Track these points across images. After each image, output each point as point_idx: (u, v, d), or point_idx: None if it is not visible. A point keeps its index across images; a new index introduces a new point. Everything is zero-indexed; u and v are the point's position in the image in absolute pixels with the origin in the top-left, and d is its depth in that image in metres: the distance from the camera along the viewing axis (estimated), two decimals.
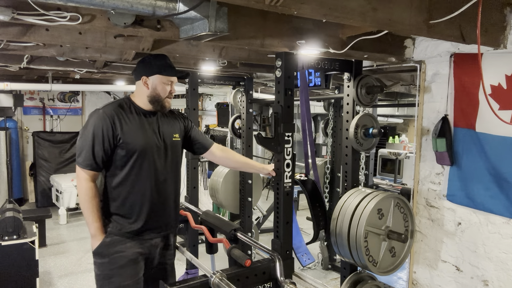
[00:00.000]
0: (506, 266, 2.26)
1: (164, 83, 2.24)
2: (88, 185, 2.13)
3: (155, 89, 2.24)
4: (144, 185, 2.22)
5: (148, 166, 2.22)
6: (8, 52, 2.68)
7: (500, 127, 2.22)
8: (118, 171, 2.19)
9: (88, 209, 2.13)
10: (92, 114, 2.17)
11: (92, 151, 2.10)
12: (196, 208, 3.48)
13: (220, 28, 1.68)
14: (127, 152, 2.16)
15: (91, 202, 2.13)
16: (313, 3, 1.53)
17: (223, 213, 5.46)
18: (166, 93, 2.26)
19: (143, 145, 2.19)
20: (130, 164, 2.18)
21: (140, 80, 2.25)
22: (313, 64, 2.50)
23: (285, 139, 2.32)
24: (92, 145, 2.10)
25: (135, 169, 2.19)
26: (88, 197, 2.12)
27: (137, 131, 2.20)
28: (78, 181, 2.14)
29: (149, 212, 2.22)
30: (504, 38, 2.14)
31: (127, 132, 2.17)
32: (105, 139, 2.11)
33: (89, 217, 2.14)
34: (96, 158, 2.11)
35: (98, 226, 2.15)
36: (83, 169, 2.12)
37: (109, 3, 1.47)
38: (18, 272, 3.61)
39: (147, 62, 2.26)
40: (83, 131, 2.15)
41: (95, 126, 2.11)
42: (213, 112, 6.31)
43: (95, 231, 2.15)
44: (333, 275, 4.41)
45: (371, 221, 2.22)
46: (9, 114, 6.98)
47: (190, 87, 3.72)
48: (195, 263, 2.42)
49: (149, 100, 2.26)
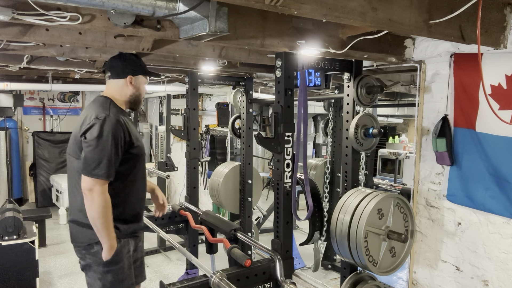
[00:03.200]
0: (506, 266, 2.26)
1: (144, 82, 2.31)
2: (107, 197, 2.01)
3: (139, 88, 2.27)
4: (141, 185, 2.27)
5: (143, 167, 2.29)
6: (8, 52, 2.68)
7: (500, 127, 2.22)
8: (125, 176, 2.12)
9: (106, 223, 2.01)
10: (104, 121, 2.02)
11: (113, 161, 2.00)
12: (196, 208, 3.48)
13: (220, 28, 1.68)
14: (132, 156, 2.13)
15: (108, 216, 2.02)
16: (313, 3, 1.53)
17: (223, 213, 5.46)
18: (144, 93, 2.34)
19: (143, 146, 2.26)
20: (137, 167, 2.18)
21: (124, 79, 2.21)
22: (313, 64, 2.50)
23: (285, 139, 2.32)
24: (113, 154, 2.00)
25: (140, 170, 2.21)
26: (106, 212, 2.00)
27: (137, 133, 2.24)
28: (94, 195, 1.97)
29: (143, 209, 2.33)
30: (504, 38, 2.14)
31: (136, 135, 2.17)
32: (121, 147, 2.05)
33: (107, 230, 2.03)
34: (115, 168, 2.03)
35: (114, 236, 2.08)
36: (103, 180, 1.98)
37: (109, 3, 1.47)
38: (18, 272, 3.61)
39: (130, 60, 2.24)
40: (98, 141, 1.99)
41: (113, 135, 2.01)
42: (213, 112, 6.30)
43: (112, 243, 2.06)
44: (333, 275, 4.41)
45: (371, 221, 2.22)
46: (9, 114, 6.98)
47: (190, 87, 3.71)
48: (195, 263, 2.42)
49: (131, 100, 2.25)
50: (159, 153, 7.46)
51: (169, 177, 5.51)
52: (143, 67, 2.29)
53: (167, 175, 5.33)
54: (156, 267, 4.79)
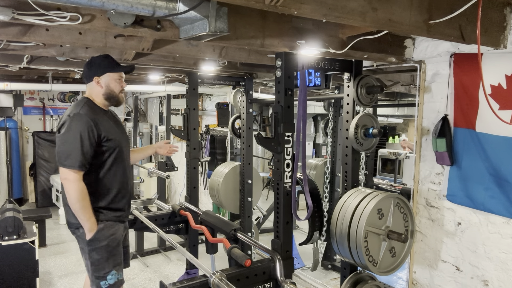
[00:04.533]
0: (506, 266, 2.26)
1: (115, 79, 2.46)
2: (81, 185, 2.27)
3: (109, 86, 2.45)
4: (125, 174, 2.51)
5: (125, 157, 2.52)
6: (8, 52, 2.68)
7: (500, 127, 2.22)
8: (102, 167, 2.38)
9: (83, 207, 2.28)
10: (72, 118, 2.30)
11: (82, 152, 2.25)
12: (196, 208, 3.48)
13: (220, 28, 1.68)
14: (108, 148, 2.37)
15: (85, 200, 2.28)
16: (313, 3, 1.53)
17: (223, 213, 5.46)
18: (119, 88, 2.48)
19: (120, 139, 2.47)
20: (113, 158, 2.41)
21: (93, 81, 2.43)
22: (313, 64, 2.50)
23: (285, 139, 2.32)
24: (81, 147, 2.25)
25: (118, 161, 2.44)
26: (82, 196, 2.27)
27: (113, 127, 2.45)
28: (68, 183, 2.25)
29: (127, 197, 2.54)
30: (504, 38, 2.14)
31: (108, 130, 2.38)
32: (91, 139, 2.29)
33: (85, 214, 2.30)
34: (86, 159, 2.27)
35: (93, 221, 2.34)
36: (75, 170, 2.24)
37: (109, 3, 1.47)
38: (18, 272, 3.61)
39: (95, 63, 2.45)
40: (66, 135, 2.28)
41: (80, 129, 2.26)
42: (213, 112, 6.30)
43: (91, 225, 2.34)
44: (333, 275, 4.41)
45: (371, 221, 2.22)
46: (9, 114, 6.98)
47: (190, 87, 3.71)
48: (195, 263, 2.42)
49: (105, 98, 2.47)
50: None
51: (169, 177, 5.51)
52: (109, 65, 2.45)
53: (167, 175, 5.32)
54: (156, 267, 4.79)
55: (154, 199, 5.01)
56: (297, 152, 2.33)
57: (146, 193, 7.25)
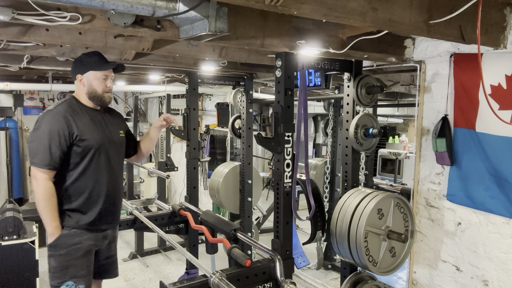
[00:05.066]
0: (506, 266, 2.26)
1: (99, 78, 2.32)
2: (47, 184, 2.17)
3: (91, 85, 2.32)
4: (102, 179, 2.32)
5: (105, 160, 2.33)
6: (8, 52, 2.68)
7: (500, 127, 2.22)
8: (75, 168, 2.25)
9: (46, 208, 2.18)
10: (43, 115, 2.22)
11: (49, 151, 2.16)
12: (196, 208, 3.48)
13: (220, 28, 1.68)
14: (84, 149, 2.24)
15: (50, 201, 2.18)
16: (313, 3, 1.53)
17: (223, 213, 5.46)
18: (103, 88, 2.34)
19: (99, 140, 2.30)
20: (88, 160, 2.26)
21: (77, 79, 2.34)
22: (313, 64, 2.50)
23: (285, 139, 2.32)
24: (49, 145, 2.15)
25: (93, 164, 2.28)
26: (47, 196, 2.17)
27: (91, 127, 2.30)
28: (35, 181, 2.17)
29: (105, 204, 2.34)
30: (504, 38, 2.14)
31: (83, 129, 2.25)
32: (61, 138, 2.18)
33: (48, 216, 2.19)
34: (53, 158, 2.17)
35: (56, 225, 2.22)
36: (41, 169, 2.15)
37: (109, 3, 1.47)
38: (18, 272, 3.60)
39: (79, 61, 2.34)
40: (35, 133, 2.19)
41: (49, 127, 2.17)
42: (213, 112, 6.30)
43: (53, 230, 2.21)
44: (333, 275, 4.41)
45: (371, 221, 2.22)
46: (9, 114, 6.97)
47: (190, 87, 3.71)
48: (195, 263, 2.42)
49: (88, 97, 2.34)
50: (159, 153, 7.47)
51: (169, 177, 5.51)
52: (93, 63, 2.32)
53: (167, 175, 5.33)
54: (156, 267, 4.79)
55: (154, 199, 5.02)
56: (297, 152, 2.33)
57: (146, 193, 7.25)
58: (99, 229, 2.37)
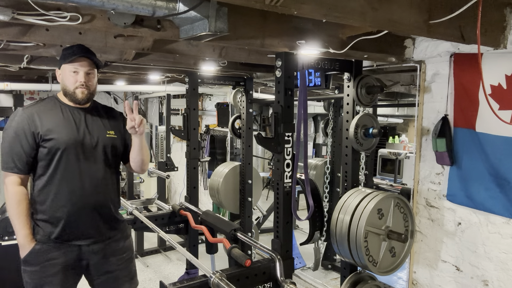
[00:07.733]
0: (506, 266, 2.26)
1: (69, 71, 2.05)
2: (14, 189, 1.99)
3: (63, 80, 2.08)
4: (68, 186, 2.03)
5: (74, 164, 2.04)
6: (8, 52, 2.68)
7: (500, 127, 2.21)
8: (43, 172, 2.03)
9: (14, 215, 2.00)
10: (12, 115, 2.06)
11: (11, 153, 1.99)
12: (196, 208, 3.48)
13: (220, 28, 1.68)
14: (49, 150, 2.00)
15: (17, 208, 1.98)
16: (313, 3, 1.53)
17: (223, 213, 5.46)
18: (74, 83, 2.05)
19: (66, 140, 2.02)
20: (55, 163, 2.01)
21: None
22: (313, 64, 2.50)
23: (285, 139, 2.32)
24: (12, 147, 1.99)
25: (60, 168, 2.02)
26: (14, 202, 1.98)
27: (60, 126, 2.04)
28: (4, 185, 2.00)
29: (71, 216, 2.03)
30: (504, 38, 2.14)
31: (50, 128, 2.01)
32: (23, 139, 1.98)
33: (16, 224, 2.00)
34: (16, 160, 1.98)
35: (25, 234, 2.00)
36: (6, 172, 1.99)
37: (109, 3, 1.47)
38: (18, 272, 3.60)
39: (60, 55, 2.11)
40: (4, 134, 2.03)
41: (15, 127, 2.00)
42: (213, 112, 6.30)
43: (22, 240, 2.00)
44: (333, 275, 4.41)
45: (371, 221, 2.22)
46: (9, 114, 6.96)
47: (190, 87, 3.72)
48: (195, 263, 2.42)
49: (64, 94, 2.11)
50: (159, 153, 7.47)
51: (169, 177, 5.51)
52: (65, 56, 2.06)
53: (167, 175, 5.33)
54: (156, 267, 4.79)
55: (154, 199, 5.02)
56: (297, 152, 2.33)
57: (146, 193, 7.26)
58: (71, 244, 2.06)
